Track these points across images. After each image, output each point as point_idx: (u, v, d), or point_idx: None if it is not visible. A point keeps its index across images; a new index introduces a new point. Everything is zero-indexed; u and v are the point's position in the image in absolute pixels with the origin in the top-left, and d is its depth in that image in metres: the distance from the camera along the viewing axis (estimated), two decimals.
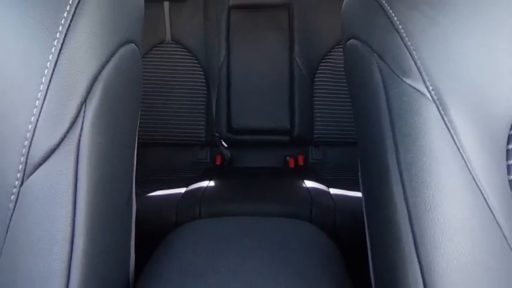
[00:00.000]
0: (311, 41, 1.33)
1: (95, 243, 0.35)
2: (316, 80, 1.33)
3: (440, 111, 0.32)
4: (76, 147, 0.32)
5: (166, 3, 1.33)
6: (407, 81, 0.33)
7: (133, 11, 0.41)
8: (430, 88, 0.32)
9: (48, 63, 0.30)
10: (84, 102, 0.32)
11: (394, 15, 0.34)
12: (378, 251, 0.41)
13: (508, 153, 0.33)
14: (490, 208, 0.32)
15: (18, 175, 0.31)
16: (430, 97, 0.32)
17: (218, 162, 1.33)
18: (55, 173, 0.31)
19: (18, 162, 0.30)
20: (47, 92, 0.30)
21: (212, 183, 1.10)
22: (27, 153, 0.30)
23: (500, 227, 0.32)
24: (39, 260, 0.32)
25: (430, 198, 0.32)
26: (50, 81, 0.30)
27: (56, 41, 0.30)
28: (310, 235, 0.60)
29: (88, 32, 0.32)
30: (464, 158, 0.32)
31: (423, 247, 0.33)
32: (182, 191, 1.05)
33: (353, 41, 0.40)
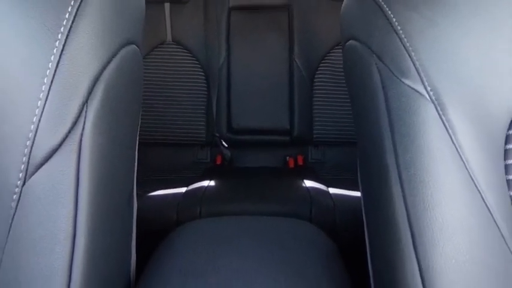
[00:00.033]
0: (311, 41, 1.33)
1: (96, 243, 0.35)
2: (315, 81, 1.33)
3: (438, 112, 0.32)
4: (78, 147, 0.32)
5: (167, 5, 1.33)
6: (406, 81, 0.33)
7: (134, 12, 0.41)
8: (429, 89, 0.32)
9: (50, 64, 0.30)
10: (85, 102, 0.32)
11: (392, 17, 0.34)
12: (377, 250, 0.42)
13: (506, 153, 0.33)
14: (488, 207, 0.32)
15: (21, 175, 0.31)
16: (428, 97, 0.32)
17: (218, 162, 1.33)
18: (57, 172, 0.32)
19: (21, 162, 0.30)
20: (48, 93, 0.30)
21: (212, 183, 1.10)
22: (29, 153, 0.30)
23: (498, 226, 0.32)
24: (41, 259, 0.32)
25: (428, 198, 0.32)
26: (51, 81, 0.30)
27: (58, 42, 0.30)
28: (310, 234, 0.60)
29: (90, 33, 0.32)
30: (462, 158, 0.32)
31: (422, 246, 0.33)
32: (183, 190, 1.05)
33: (352, 42, 0.40)
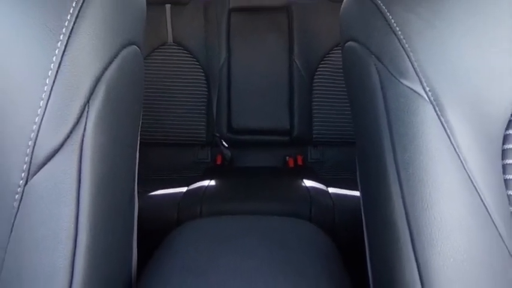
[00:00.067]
0: (310, 42, 1.33)
1: (98, 242, 0.35)
2: (315, 81, 1.33)
3: (437, 112, 0.32)
4: (79, 147, 0.32)
5: (168, 6, 1.33)
6: (404, 82, 0.33)
7: (135, 13, 0.41)
8: (427, 89, 0.32)
9: (51, 65, 0.30)
10: (87, 102, 0.33)
11: (391, 18, 0.35)
12: (376, 249, 0.42)
13: (503, 153, 0.34)
14: (486, 207, 0.32)
15: (23, 174, 0.31)
16: (426, 98, 0.32)
17: (219, 162, 1.34)
18: (59, 172, 0.32)
19: (23, 161, 0.31)
20: (50, 93, 0.30)
21: (213, 183, 1.10)
22: (32, 153, 0.31)
23: (495, 225, 0.32)
24: (44, 258, 0.32)
25: (427, 197, 0.33)
26: (53, 82, 0.30)
27: (60, 42, 0.31)
28: (310, 234, 0.60)
29: (91, 34, 0.32)
30: (460, 158, 0.32)
31: (420, 245, 0.33)
32: (183, 190, 1.05)
33: (351, 43, 0.41)
